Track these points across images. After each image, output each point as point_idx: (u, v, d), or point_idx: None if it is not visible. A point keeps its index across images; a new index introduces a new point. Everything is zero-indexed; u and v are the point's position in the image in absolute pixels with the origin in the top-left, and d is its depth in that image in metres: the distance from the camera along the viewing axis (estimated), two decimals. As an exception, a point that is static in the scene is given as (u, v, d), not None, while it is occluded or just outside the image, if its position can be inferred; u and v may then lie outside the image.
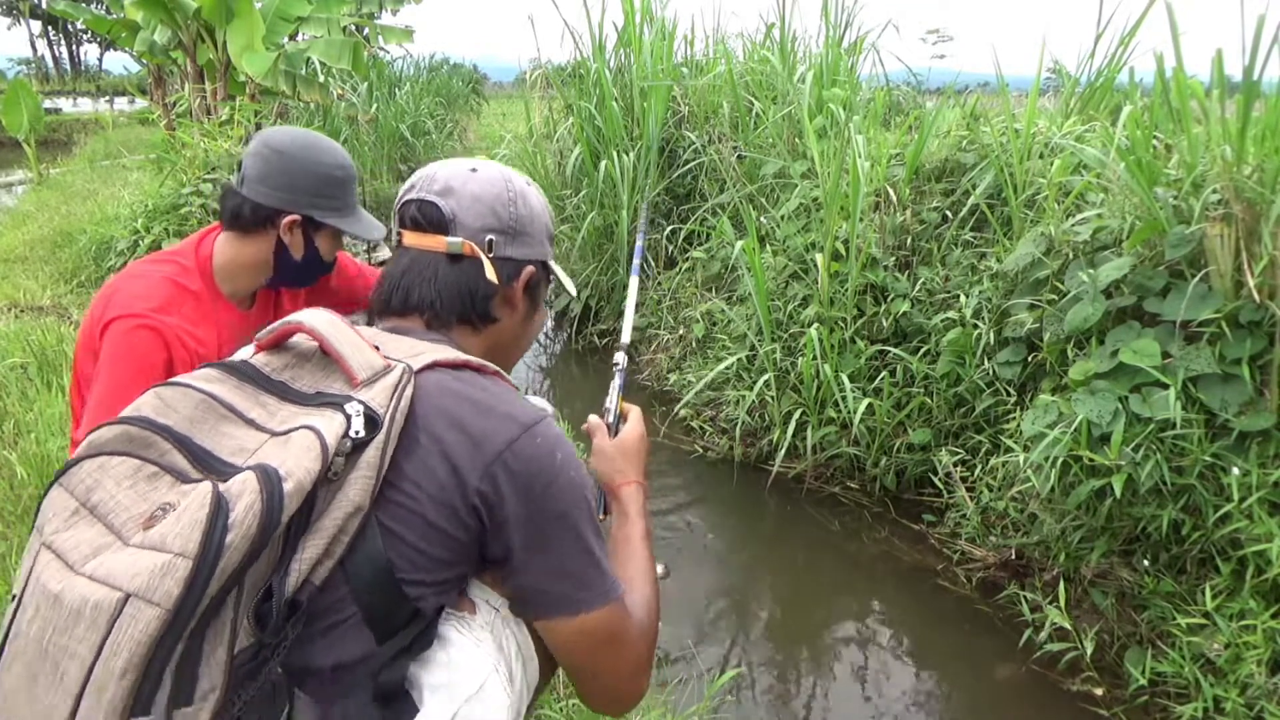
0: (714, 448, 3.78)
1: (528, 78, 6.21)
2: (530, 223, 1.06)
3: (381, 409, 0.82)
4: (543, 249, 1.09)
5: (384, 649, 0.82)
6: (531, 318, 1.11)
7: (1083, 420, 2.31)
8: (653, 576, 1.05)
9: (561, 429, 1.00)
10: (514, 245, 1.05)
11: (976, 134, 3.75)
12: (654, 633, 0.99)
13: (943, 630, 2.70)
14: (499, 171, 1.06)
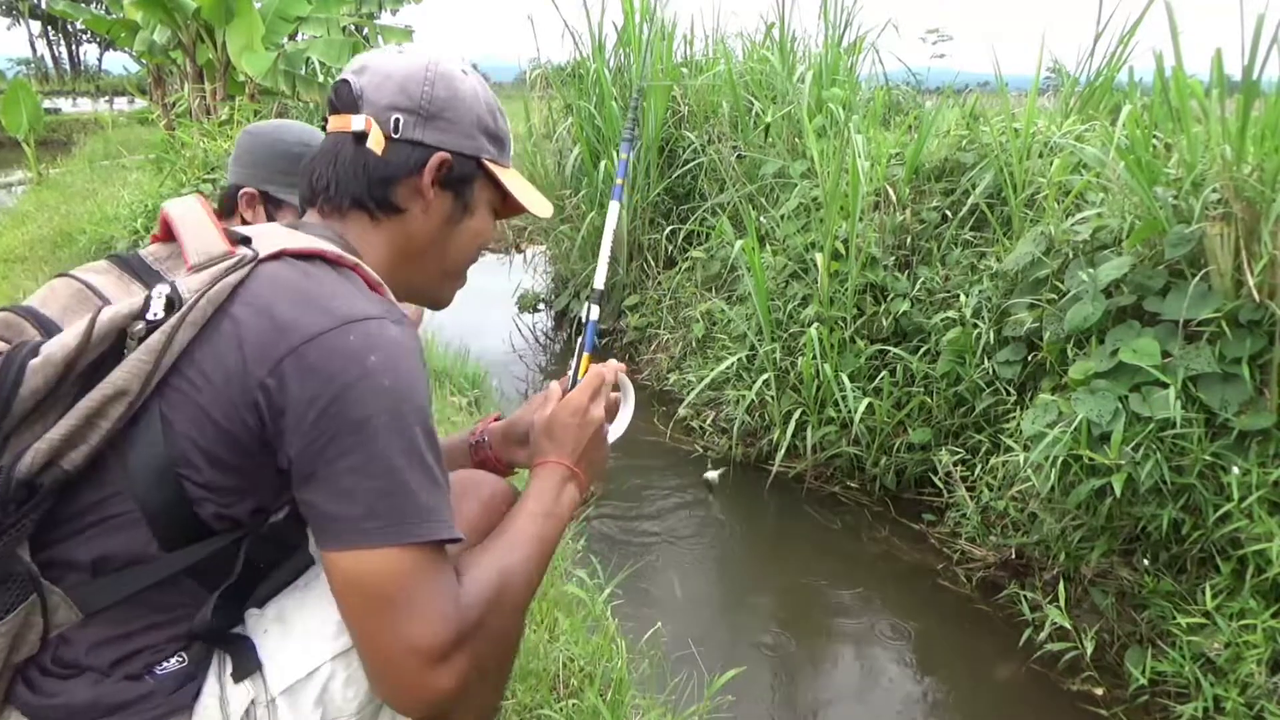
0: (714, 447, 3.78)
1: (527, 77, 6.21)
2: (451, 108, 0.96)
3: (191, 293, 0.76)
4: (471, 142, 0.98)
5: (172, 558, 0.76)
6: (459, 222, 0.99)
7: (1083, 420, 2.31)
8: (520, 571, 0.87)
9: (416, 344, 0.82)
10: (426, 129, 0.95)
11: (976, 133, 3.75)
12: (477, 626, 0.79)
13: (943, 630, 2.70)
14: (430, 53, 0.98)
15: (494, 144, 1.01)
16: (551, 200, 5.59)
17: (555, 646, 2.02)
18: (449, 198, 0.98)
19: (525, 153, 5.87)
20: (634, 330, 4.87)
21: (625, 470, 3.70)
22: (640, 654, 2.20)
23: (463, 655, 0.76)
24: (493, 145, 1.01)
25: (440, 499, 0.78)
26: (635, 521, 3.33)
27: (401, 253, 0.97)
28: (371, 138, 0.93)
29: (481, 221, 1.03)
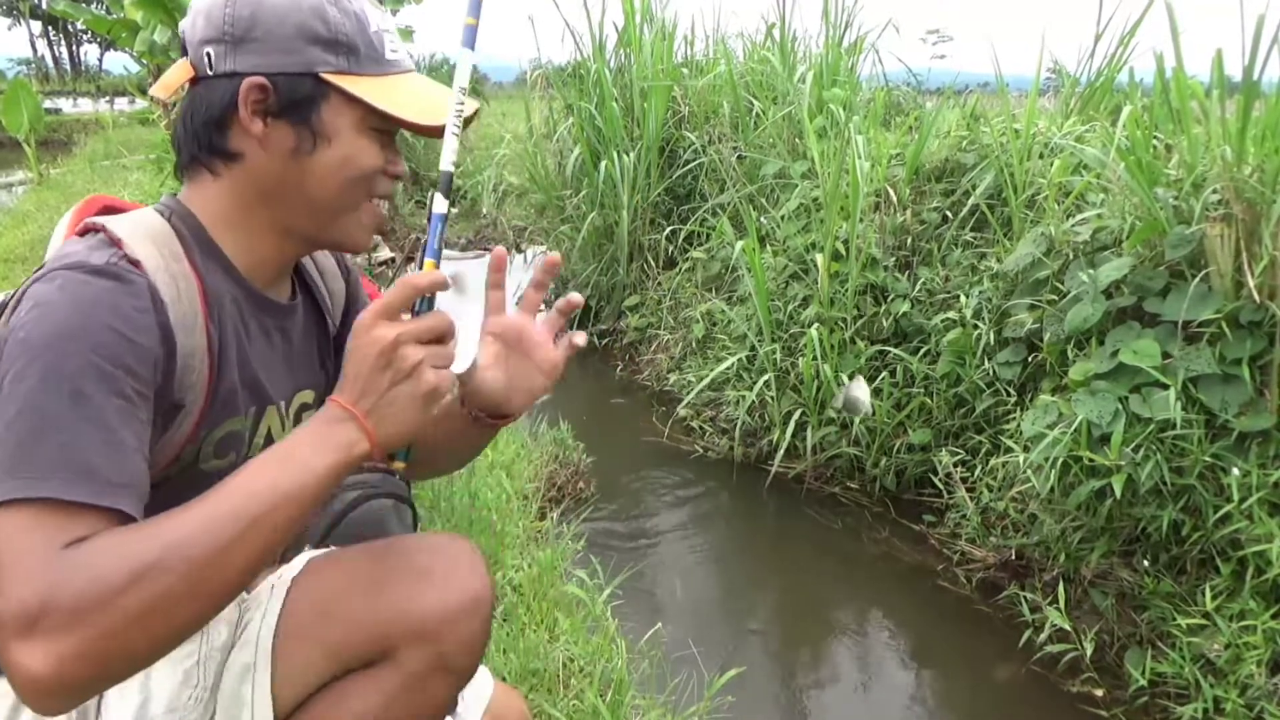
0: (714, 448, 3.78)
1: (528, 78, 6.21)
2: (259, 23, 0.83)
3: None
4: (295, 57, 0.84)
5: None
6: (310, 153, 0.86)
7: (1083, 421, 2.31)
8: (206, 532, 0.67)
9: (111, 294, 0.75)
10: (237, 56, 0.83)
11: (976, 134, 3.75)
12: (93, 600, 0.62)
13: (943, 630, 2.70)
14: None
15: (333, 51, 0.85)
16: (551, 200, 5.65)
17: (555, 646, 2.03)
18: (287, 127, 0.85)
19: (526, 153, 5.87)
20: (634, 330, 4.87)
21: (625, 470, 3.70)
22: (640, 654, 2.20)
23: (61, 634, 0.61)
24: (331, 53, 0.85)
25: (73, 457, 0.67)
26: (635, 522, 3.33)
27: (251, 201, 0.87)
28: (208, 86, 0.85)
29: (347, 147, 0.87)
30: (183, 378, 0.81)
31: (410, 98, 0.89)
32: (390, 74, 0.89)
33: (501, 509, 2.68)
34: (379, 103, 0.86)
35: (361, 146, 0.88)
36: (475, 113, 0.92)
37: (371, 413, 0.75)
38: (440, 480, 2.78)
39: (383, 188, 0.91)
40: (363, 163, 0.88)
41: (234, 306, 0.88)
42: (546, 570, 2.37)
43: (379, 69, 0.88)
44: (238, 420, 0.89)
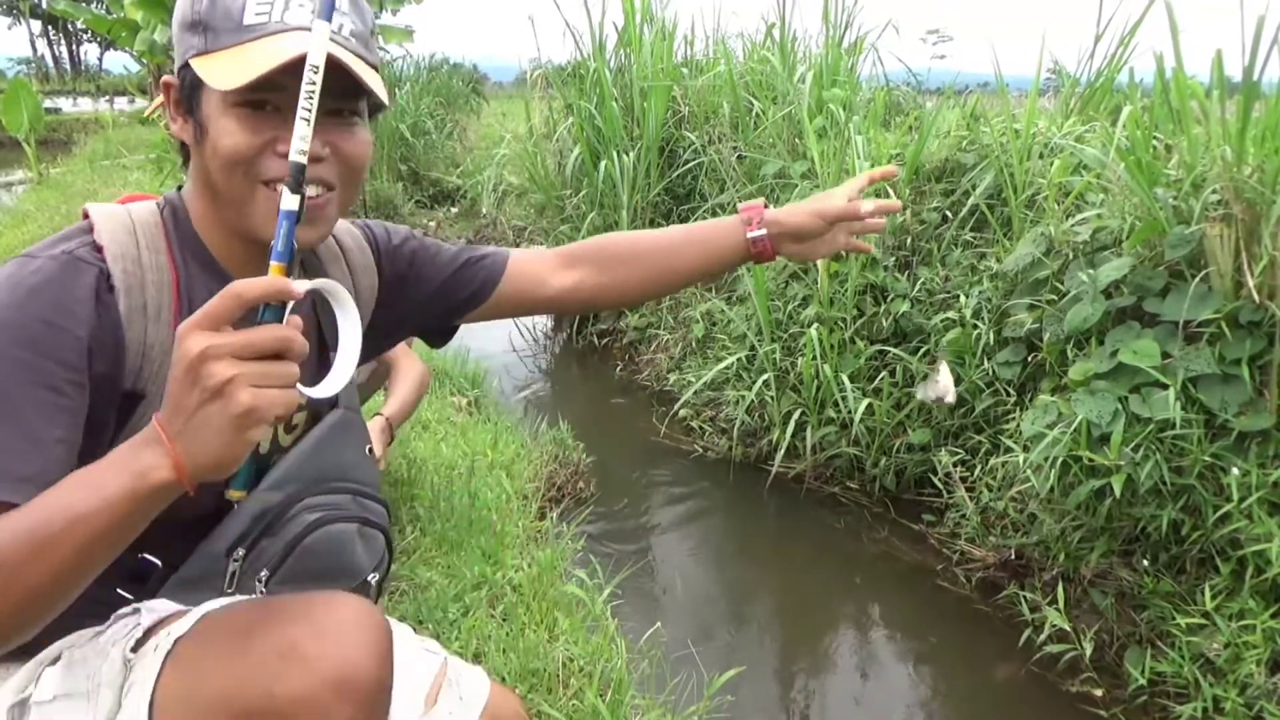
0: (713, 448, 3.78)
1: (528, 78, 6.21)
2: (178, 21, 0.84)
3: None
4: (181, 47, 0.84)
5: None
6: (203, 142, 0.84)
7: (1082, 420, 2.31)
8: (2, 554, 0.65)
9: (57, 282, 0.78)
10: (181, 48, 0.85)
11: (976, 134, 3.75)
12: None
13: (942, 630, 2.70)
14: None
15: (197, 33, 0.82)
16: (551, 200, 5.65)
17: (555, 646, 2.03)
18: (189, 120, 0.85)
19: (525, 153, 5.86)
20: (634, 330, 4.87)
21: (625, 470, 3.70)
22: (640, 654, 2.20)
23: None
24: (196, 35, 0.82)
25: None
26: (635, 521, 3.33)
27: (206, 196, 0.89)
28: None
29: (216, 129, 0.82)
30: (140, 367, 0.81)
31: (245, 55, 0.79)
32: (248, 40, 0.80)
33: (501, 509, 2.68)
34: (206, 73, 0.80)
35: (224, 128, 0.81)
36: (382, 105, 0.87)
37: (180, 435, 0.65)
38: (440, 480, 2.78)
39: (271, 169, 0.82)
40: (228, 143, 0.81)
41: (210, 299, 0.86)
42: (546, 570, 2.37)
43: (234, 39, 0.80)
44: None
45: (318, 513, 0.94)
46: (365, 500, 1.01)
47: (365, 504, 1.01)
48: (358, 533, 0.99)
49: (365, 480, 1.03)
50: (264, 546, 0.91)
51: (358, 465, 1.02)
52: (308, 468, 0.96)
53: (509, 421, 3.70)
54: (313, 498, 0.95)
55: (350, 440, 1.01)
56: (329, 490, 0.97)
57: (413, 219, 8.18)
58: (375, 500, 1.03)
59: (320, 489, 0.96)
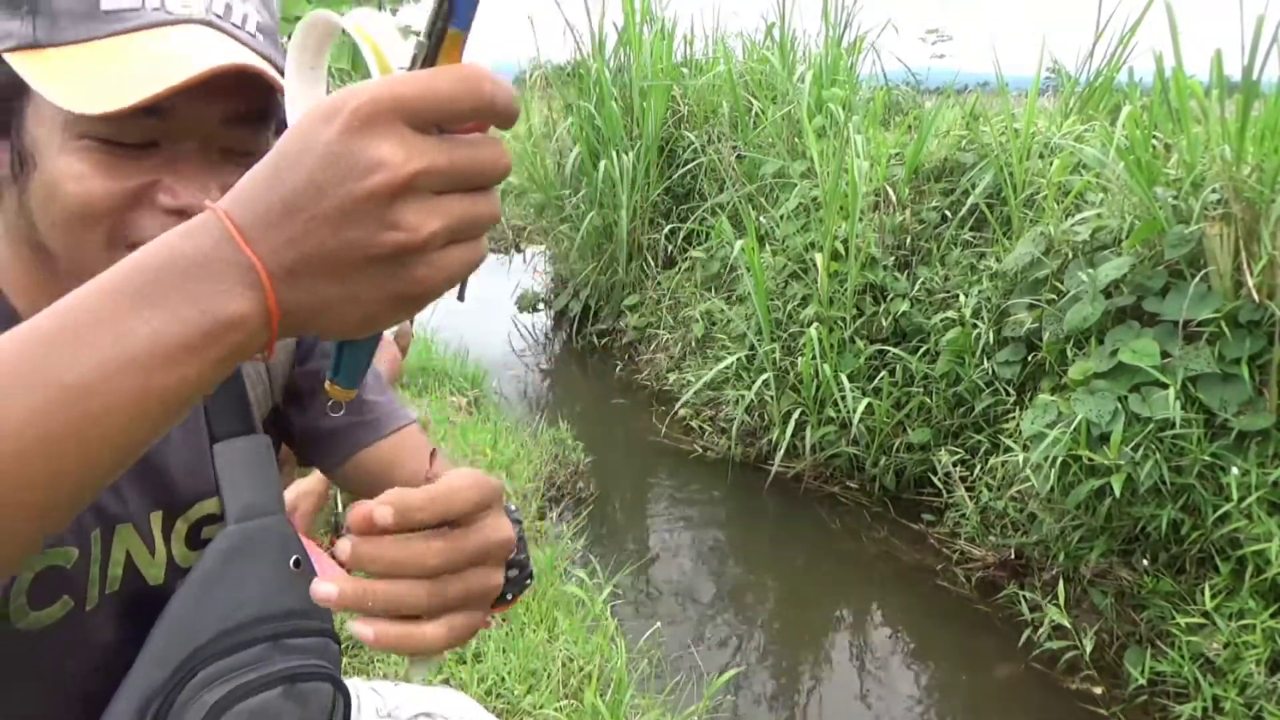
0: (713, 447, 3.78)
1: (527, 77, 6.21)
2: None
3: None
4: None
5: None
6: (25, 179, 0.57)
7: (1082, 420, 2.31)
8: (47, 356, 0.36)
9: None
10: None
11: (976, 134, 3.75)
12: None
13: (942, 630, 2.70)
14: None
15: (16, 15, 0.55)
16: (551, 200, 5.65)
17: (555, 646, 2.03)
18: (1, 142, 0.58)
19: (525, 153, 5.86)
20: (634, 330, 4.87)
21: (625, 470, 3.70)
22: (640, 654, 2.21)
23: None
24: (13, 19, 0.55)
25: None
26: (634, 521, 3.33)
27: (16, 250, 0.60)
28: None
29: (52, 166, 0.55)
30: None
31: (110, 63, 0.53)
32: (111, 34, 0.54)
33: (501, 508, 2.68)
34: (46, 87, 0.52)
35: (69, 169, 0.54)
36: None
37: (291, 276, 0.36)
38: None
39: (141, 229, 0.56)
40: (70, 192, 0.55)
41: None
42: (546, 570, 2.37)
43: (87, 30, 0.54)
44: (59, 553, 0.61)
45: (222, 687, 0.65)
46: (294, 641, 0.70)
47: (294, 645, 0.70)
48: (284, 696, 0.68)
49: (293, 609, 0.71)
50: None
51: (276, 593, 0.70)
52: (197, 621, 0.66)
53: (509, 421, 3.70)
54: (210, 666, 0.65)
55: (258, 562, 0.70)
56: (235, 647, 0.67)
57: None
58: (309, 634, 0.72)
59: (220, 650, 0.66)
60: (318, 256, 0.36)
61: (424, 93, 0.36)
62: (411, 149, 0.35)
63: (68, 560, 0.61)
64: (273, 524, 0.72)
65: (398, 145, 0.35)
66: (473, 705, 1.05)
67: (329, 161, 0.35)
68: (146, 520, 0.67)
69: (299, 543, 0.73)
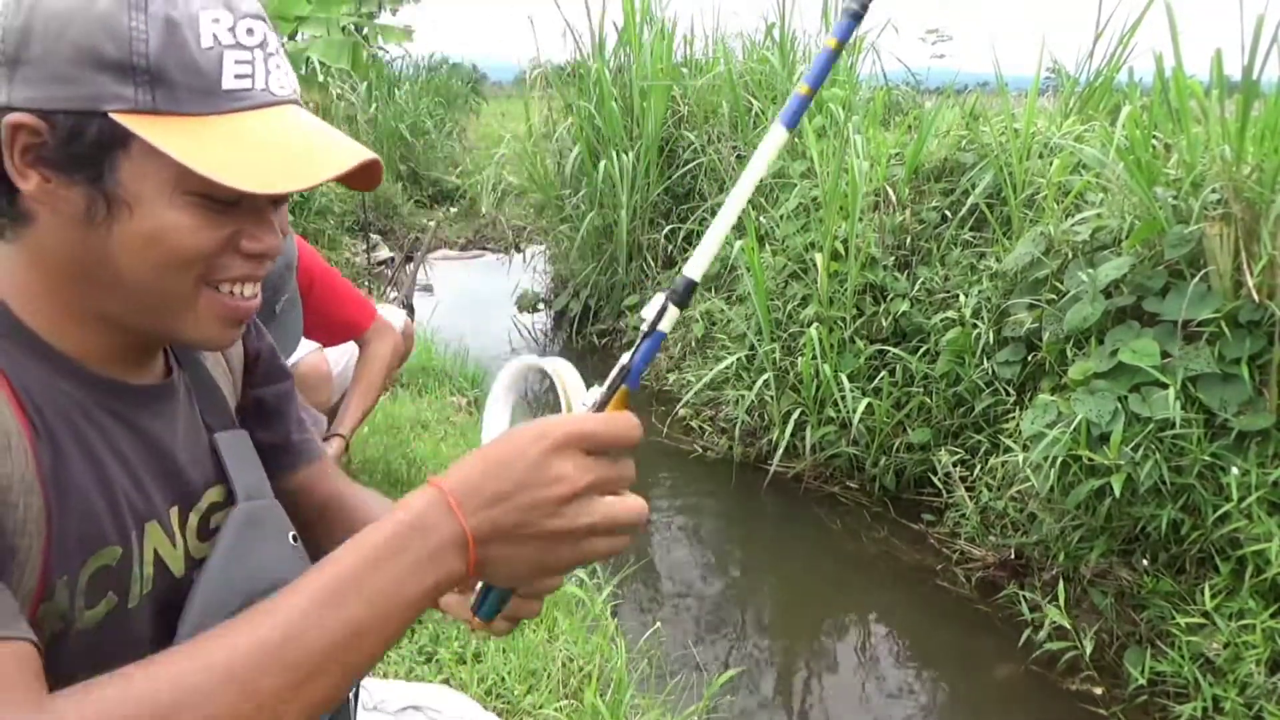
0: (713, 447, 3.78)
1: (527, 77, 6.21)
2: (32, 37, 0.59)
3: None
4: (72, 89, 0.59)
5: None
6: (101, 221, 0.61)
7: (1082, 420, 2.31)
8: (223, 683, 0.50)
9: None
10: (13, 83, 0.60)
11: (976, 134, 3.75)
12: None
13: (942, 630, 2.70)
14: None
15: (128, 80, 0.59)
16: (551, 200, 5.66)
17: (555, 646, 2.03)
18: (71, 185, 0.61)
19: (525, 153, 5.86)
20: (633, 330, 4.87)
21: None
22: (640, 654, 2.21)
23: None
24: (125, 83, 0.59)
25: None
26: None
27: (54, 277, 0.65)
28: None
29: (153, 219, 0.62)
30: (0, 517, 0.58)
31: (251, 147, 0.61)
32: (229, 111, 0.62)
33: (501, 508, 2.68)
34: (193, 159, 0.59)
35: (173, 219, 0.62)
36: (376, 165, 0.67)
37: (487, 545, 0.55)
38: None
39: (231, 270, 0.66)
40: (177, 242, 0.62)
41: (71, 405, 0.66)
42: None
43: (207, 104, 0.61)
44: (107, 552, 0.65)
45: None
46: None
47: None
48: None
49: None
50: None
51: (285, 563, 0.77)
52: (228, 589, 0.72)
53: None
54: None
55: (267, 536, 0.78)
56: None
57: (412, 219, 8.17)
58: None
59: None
60: (507, 532, 0.55)
61: (601, 431, 0.60)
62: (586, 469, 0.57)
63: (114, 559, 0.66)
64: (271, 505, 0.79)
65: (578, 466, 0.57)
66: (457, 699, 1.05)
67: (531, 470, 0.55)
68: (167, 515, 0.72)
69: (289, 523, 0.81)
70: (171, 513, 0.73)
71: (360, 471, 2.79)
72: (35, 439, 0.61)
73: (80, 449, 0.65)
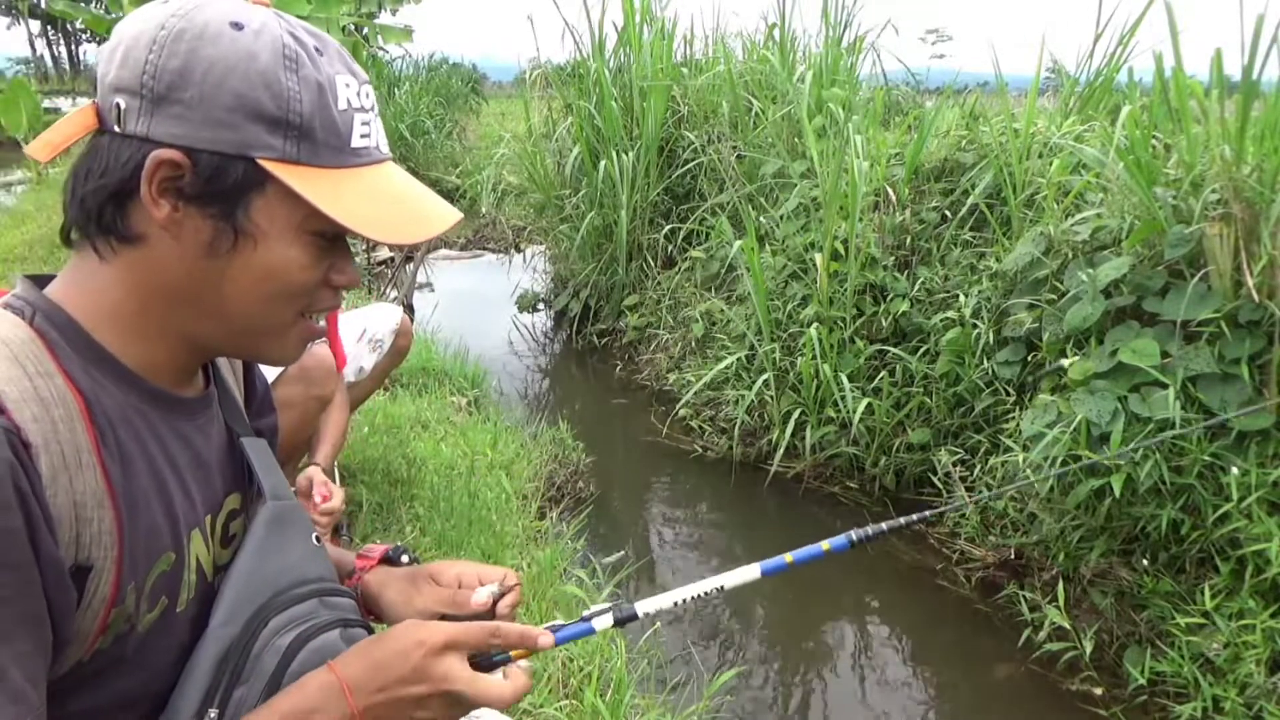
0: (713, 447, 3.78)
1: (527, 77, 6.21)
2: (189, 82, 0.63)
3: None
4: (227, 134, 0.64)
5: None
6: (226, 253, 0.67)
7: (1082, 420, 2.31)
8: None
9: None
10: (154, 116, 0.64)
11: (975, 134, 3.75)
12: None
13: (942, 630, 2.70)
14: (175, 1, 0.66)
15: (280, 133, 0.66)
16: (551, 200, 5.66)
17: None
18: (203, 217, 0.66)
19: (525, 153, 5.86)
20: (633, 330, 4.87)
21: (625, 470, 3.70)
22: (640, 654, 2.21)
23: None
24: (277, 135, 0.66)
25: None
26: (635, 521, 3.33)
27: (149, 299, 0.69)
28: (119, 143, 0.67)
29: (276, 254, 0.69)
30: (78, 534, 0.63)
31: (376, 201, 0.70)
32: (354, 165, 0.70)
33: (501, 509, 2.69)
34: (334, 210, 0.66)
35: (293, 256, 0.69)
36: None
37: (367, 712, 0.70)
38: (440, 480, 2.78)
39: (323, 302, 0.74)
40: (292, 277, 0.70)
41: (137, 419, 0.70)
42: (546, 570, 2.37)
43: (339, 159, 0.69)
44: (165, 559, 0.71)
45: (291, 632, 0.77)
46: (333, 599, 0.83)
47: (334, 603, 0.83)
48: (341, 639, 0.80)
49: (323, 576, 0.84)
50: (240, 697, 0.73)
51: (310, 561, 0.83)
52: (258, 583, 0.77)
53: (509, 421, 3.70)
54: (276, 617, 0.77)
55: (293, 534, 0.83)
56: (291, 601, 0.79)
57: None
58: (341, 594, 0.85)
59: (281, 603, 0.78)
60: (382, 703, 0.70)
61: (466, 635, 0.73)
62: (458, 670, 0.72)
63: (169, 565, 0.71)
64: (294, 505, 0.85)
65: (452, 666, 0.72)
66: None
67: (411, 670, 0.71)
68: (205, 521, 0.77)
69: (311, 524, 0.87)
70: (207, 519, 0.77)
71: (360, 471, 2.79)
72: (103, 453, 0.65)
73: (144, 461, 0.70)
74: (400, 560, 0.98)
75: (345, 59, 0.71)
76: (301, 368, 2.03)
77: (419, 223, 0.72)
